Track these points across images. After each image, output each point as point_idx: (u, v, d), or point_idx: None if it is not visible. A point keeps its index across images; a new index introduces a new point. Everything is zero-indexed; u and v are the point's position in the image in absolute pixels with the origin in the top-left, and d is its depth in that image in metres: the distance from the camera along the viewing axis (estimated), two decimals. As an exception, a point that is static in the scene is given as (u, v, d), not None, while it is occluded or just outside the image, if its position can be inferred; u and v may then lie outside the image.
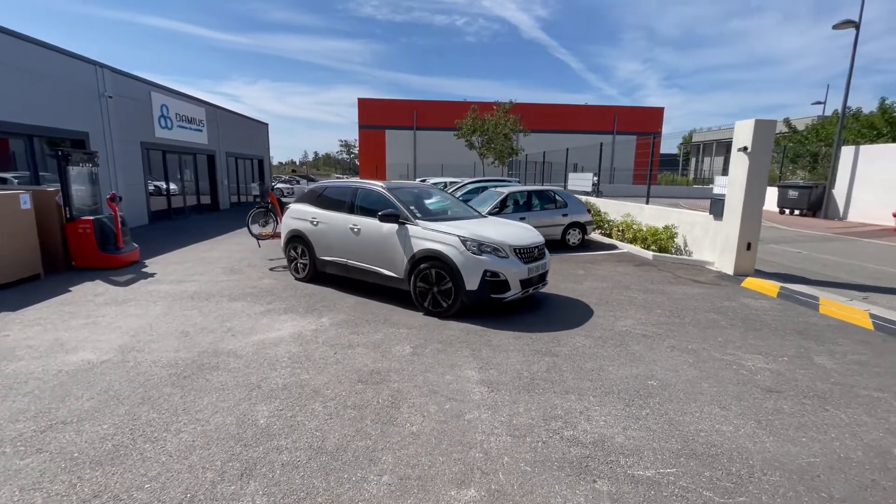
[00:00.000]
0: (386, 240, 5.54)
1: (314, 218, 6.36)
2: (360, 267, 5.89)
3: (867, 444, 2.75)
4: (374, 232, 5.65)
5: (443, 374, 3.67)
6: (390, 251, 5.51)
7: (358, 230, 5.83)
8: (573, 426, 2.91)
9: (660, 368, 3.81)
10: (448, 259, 5.00)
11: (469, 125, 24.50)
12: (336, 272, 6.27)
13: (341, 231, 6.02)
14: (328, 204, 6.39)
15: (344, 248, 6.03)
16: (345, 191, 6.34)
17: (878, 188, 14.65)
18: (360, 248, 5.85)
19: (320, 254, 6.34)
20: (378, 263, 5.69)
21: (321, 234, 6.28)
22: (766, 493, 2.30)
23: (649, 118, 40.79)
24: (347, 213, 6.07)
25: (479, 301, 5.00)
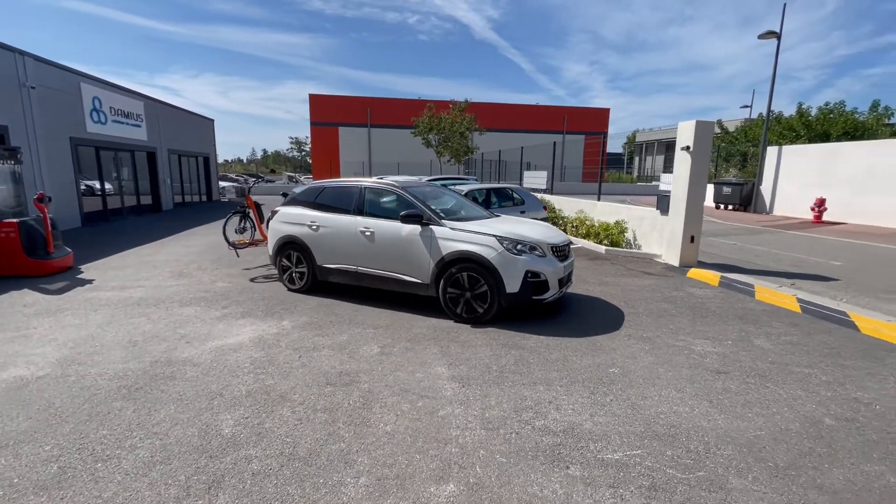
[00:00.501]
0: (407, 243, 5.13)
1: (313, 222, 5.75)
2: (375, 274, 5.40)
3: (803, 415, 3.04)
4: (392, 235, 5.22)
5: (413, 372, 3.66)
6: (412, 255, 5.11)
7: (371, 234, 5.33)
8: (544, 416, 3.00)
9: (619, 356, 4.01)
10: (485, 260, 4.71)
11: (426, 123, 24.50)
12: (343, 281, 5.72)
13: (349, 235, 5.49)
14: (329, 206, 5.80)
15: (353, 254, 5.51)
16: (349, 191, 5.75)
17: (798, 184, 16.13)
18: (374, 253, 5.36)
19: (322, 261, 5.76)
20: (397, 269, 5.26)
21: (323, 239, 5.69)
22: (721, 466, 2.49)
23: (596, 118, 42.57)
24: (355, 216, 5.52)
25: (519, 303, 4.78)
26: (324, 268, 5.78)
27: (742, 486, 2.33)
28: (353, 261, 5.54)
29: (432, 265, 4.99)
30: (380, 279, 5.42)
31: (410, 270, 5.18)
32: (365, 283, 5.57)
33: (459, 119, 24.25)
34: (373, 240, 5.35)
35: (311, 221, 5.79)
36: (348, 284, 5.80)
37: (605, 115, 43.73)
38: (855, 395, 3.34)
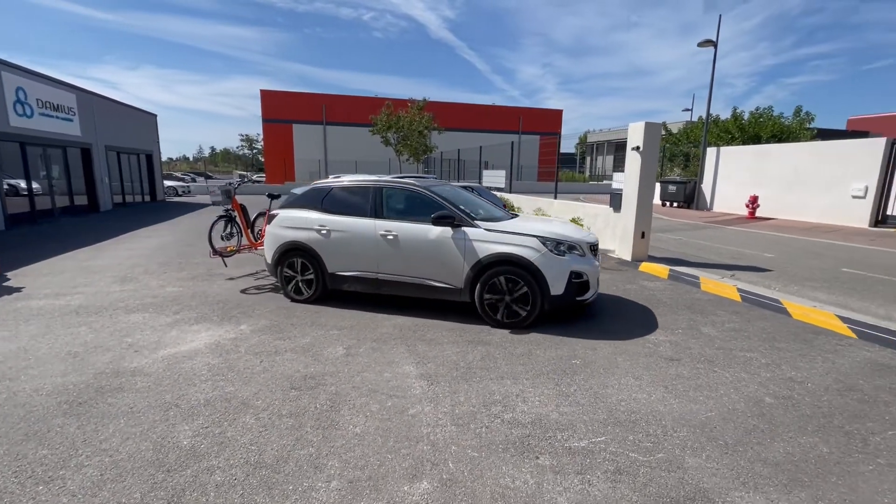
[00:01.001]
0: (436, 246, 4.85)
1: (323, 226, 5.30)
2: (398, 280, 5.09)
3: (746, 396, 3.29)
4: (419, 238, 4.93)
5: (380, 372, 3.62)
6: (443, 259, 4.85)
7: (394, 237, 5.00)
8: (512, 409, 3.07)
9: (581, 348, 4.16)
10: (527, 262, 4.54)
11: (384, 121, 24.25)
12: (359, 289, 5.35)
13: (368, 240, 5.11)
14: (340, 208, 5.37)
15: (373, 259, 5.14)
16: (363, 192, 5.36)
17: (734, 183, 17.36)
18: (397, 258, 5.04)
19: (335, 268, 5.33)
20: (425, 274, 4.97)
21: (337, 244, 5.26)
22: (678, 448, 2.65)
23: (550, 119, 43.79)
24: (374, 219, 5.15)
25: (562, 305, 4.67)
26: (337, 275, 5.34)
27: (697, 464, 2.49)
28: (372, 267, 5.17)
29: (466, 269, 4.76)
30: (404, 286, 5.11)
31: (440, 275, 4.91)
32: (385, 291, 5.24)
33: (418, 118, 24.20)
34: (396, 244, 5.02)
35: (321, 225, 5.31)
36: (365, 293, 5.49)
37: (558, 116, 45.05)
38: (790, 374, 3.65)
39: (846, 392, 3.35)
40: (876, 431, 2.84)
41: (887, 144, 12.83)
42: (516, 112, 43.04)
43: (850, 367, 3.77)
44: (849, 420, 2.96)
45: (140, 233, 11.47)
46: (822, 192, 14.28)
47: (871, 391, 3.36)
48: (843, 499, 2.24)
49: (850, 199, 13.56)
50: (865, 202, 13.24)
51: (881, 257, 8.46)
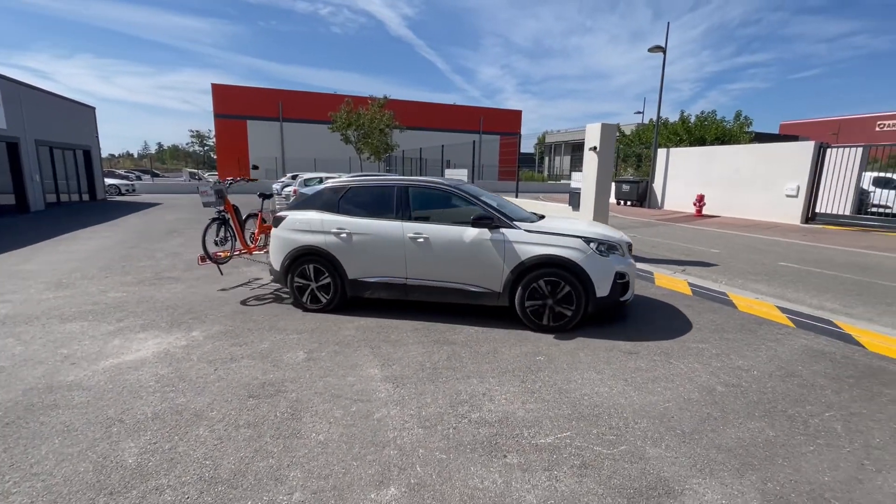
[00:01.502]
0: (474, 249, 4.65)
1: (341, 229, 4.92)
2: (429, 286, 4.84)
3: (700, 385, 3.45)
4: (453, 241, 4.70)
5: (344, 376, 3.52)
6: (480, 262, 4.65)
7: (424, 240, 4.73)
8: (479, 408, 3.06)
9: (544, 345, 4.22)
10: (572, 264, 4.44)
11: (344, 119, 23.78)
12: (385, 295, 5.04)
13: (395, 243, 4.81)
14: (360, 209, 5.04)
15: (401, 263, 4.84)
16: (386, 192, 5.05)
17: (683, 182, 18.30)
18: (429, 262, 4.78)
19: (356, 274, 4.97)
20: (459, 278, 4.75)
21: (359, 249, 4.91)
22: (639, 439, 2.73)
23: (510, 119, 44.53)
24: (401, 221, 4.85)
25: (606, 307, 4.60)
26: (359, 282, 4.99)
27: (657, 454, 2.58)
28: (400, 272, 4.88)
29: (506, 272, 4.59)
30: (435, 291, 4.87)
31: (476, 279, 4.72)
32: (414, 297, 4.98)
33: (379, 115, 23.90)
34: (427, 247, 4.75)
35: (340, 228, 4.93)
36: (390, 299, 5.25)
37: (517, 116, 45.88)
38: (738, 363, 3.86)
39: (787, 378, 3.58)
40: (814, 414, 3.05)
41: (815, 147, 13.94)
42: (477, 112, 43.45)
43: (790, 355, 4.04)
44: (791, 404, 3.17)
45: (79, 234, 10.63)
46: (761, 191, 15.31)
47: (809, 376, 3.61)
48: (789, 479, 2.38)
49: (785, 197, 14.62)
50: (798, 200, 14.32)
51: (812, 252, 9.17)
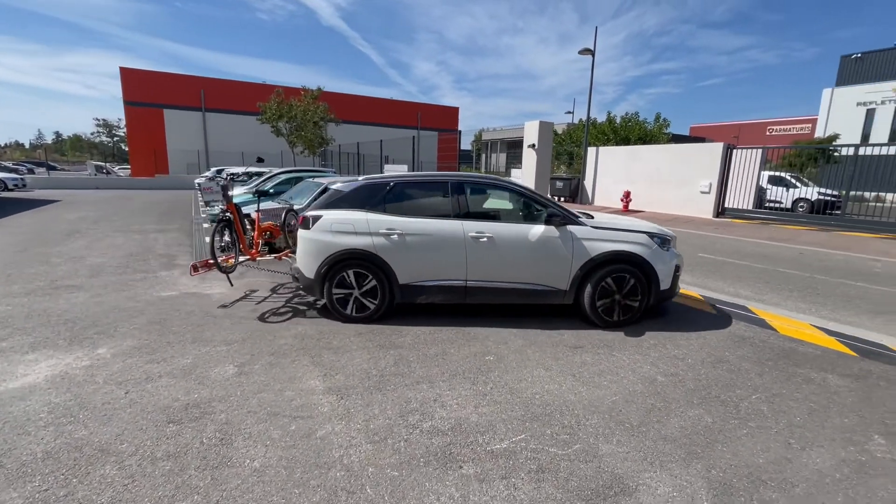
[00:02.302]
0: (541, 247, 4.53)
1: (392, 229, 4.50)
2: (493, 287, 4.61)
3: (642, 376, 3.56)
4: (519, 239, 4.55)
5: (281, 391, 3.21)
6: (548, 260, 4.55)
7: (488, 239, 4.50)
8: (430, 416, 2.91)
9: (492, 343, 4.17)
10: (641, 259, 4.51)
11: (274, 110, 22.43)
12: (441, 300, 4.71)
13: (456, 243, 4.51)
14: (410, 208, 4.71)
15: (461, 265, 4.55)
16: (437, 187, 4.80)
17: (611, 179, 19.38)
18: (492, 262, 4.55)
19: (409, 279, 4.58)
20: (525, 278, 4.59)
21: (413, 251, 4.53)
22: (592, 436, 2.73)
23: (447, 116, 44.78)
24: (460, 219, 4.58)
25: (666, 299, 4.84)
26: (412, 286, 4.61)
27: (610, 450, 2.59)
28: (460, 275, 4.59)
29: (575, 269, 4.53)
30: (497, 292, 4.66)
31: (542, 277, 4.60)
32: (474, 300, 4.71)
33: (313, 107, 22.85)
34: (491, 247, 4.53)
35: (390, 229, 4.51)
36: (444, 304, 4.93)
37: (454, 113, 46.24)
38: (673, 352, 4.05)
39: (717, 364, 3.81)
40: (744, 397, 3.25)
41: (724, 149, 15.36)
42: (414, 107, 43.17)
43: (717, 342, 4.32)
44: (723, 390, 3.36)
45: (-52, 238, 9.01)
46: (679, 187, 16.60)
47: (735, 361, 3.87)
48: (730, 465, 2.49)
49: (699, 193, 15.97)
50: (710, 196, 15.71)
51: (724, 243, 10.06)
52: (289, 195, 9.50)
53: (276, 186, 10.85)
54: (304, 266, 4.67)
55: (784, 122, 46.22)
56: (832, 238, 11.36)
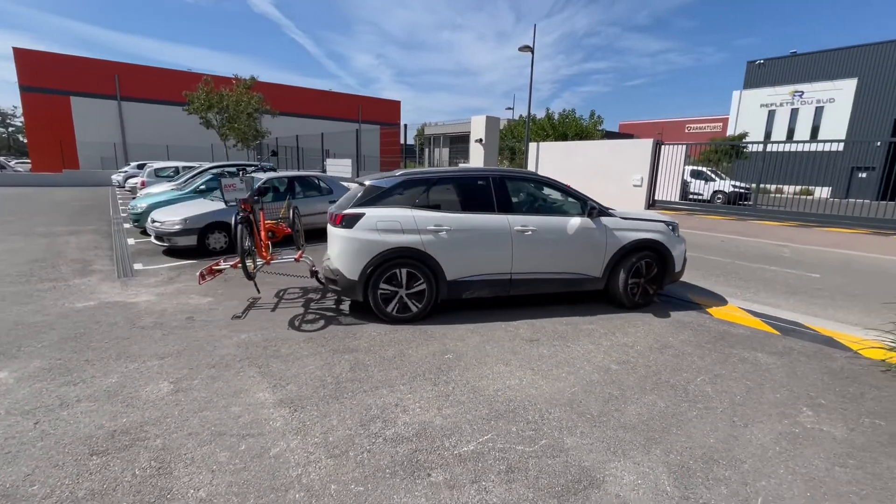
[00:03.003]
0: (579, 237, 4.84)
1: (440, 225, 4.46)
2: (535, 278, 4.83)
3: (597, 366, 3.66)
4: (560, 231, 4.81)
5: (226, 407, 2.93)
6: (584, 249, 4.88)
7: (532, 232, 4.68)
8: (393, 423, 2.79)
9: (450, 341, 4.10)
10: (662, 246, 5.02)
11: (203, 100, 20.80)
12: (487, 293, 4.78)
13: (503, 237, 4.63)
14: (455, 203, 4.70)
15: (506, 258, 4.67)
16: (479, 183, 4.81)
17: (551, 173, 20.05)
18: (536, 254, 4.75)
19: (456, 274, 4.58)
20: (565, 268, 4.89)
21: (461, 246, 4.54)
22: (556, 430, 2.75)
23: (389, 110, 44.12)
24: (504, 213, 4.69)
25: (675, 281, 5.38)
26: (459, 282, 4.61)
27: (575, 443, 2.61)
28: (505, 267, 4.71)
29: (608, 257, 4.91)
30: (539, 283, 4.89)
31: (580, 266, 4.92)
32: (517, 291, 4.86)
33: (246, 98, 21.47)
34: (535, 239, 4.72)
35: (438, 225, 4.46)
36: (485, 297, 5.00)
37: (397, 107, 45.66)
38: (623, 340, 4.21)
39: (664, 349, 4.01)
40: (690, 380, 3.44)
41: (654, 144, 16.39)
42: (356, 100, 42.08)
43: (661, 327, 4.56)
44: (671, 374, 3.53)
45: None
46: (614, 181, 17.50)
47: (679, 346, 4.09)
48: (685, 447, 2.60)
49: (633, 187, 16.94)
50: (642, 190, 16.71)
51: (658, 233, 10.73)
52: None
53: (209, 182, 10.07)
54: (344, 267, 4.46)
55: (700, 121, 50.31)
56: (746, 226, 12.50)
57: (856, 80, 30.25)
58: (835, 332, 4.43)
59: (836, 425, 2.86)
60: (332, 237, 4.63)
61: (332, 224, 4.59)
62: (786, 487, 2.28)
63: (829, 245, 9.68)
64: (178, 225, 7.24)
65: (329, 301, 5.20)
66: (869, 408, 3.08)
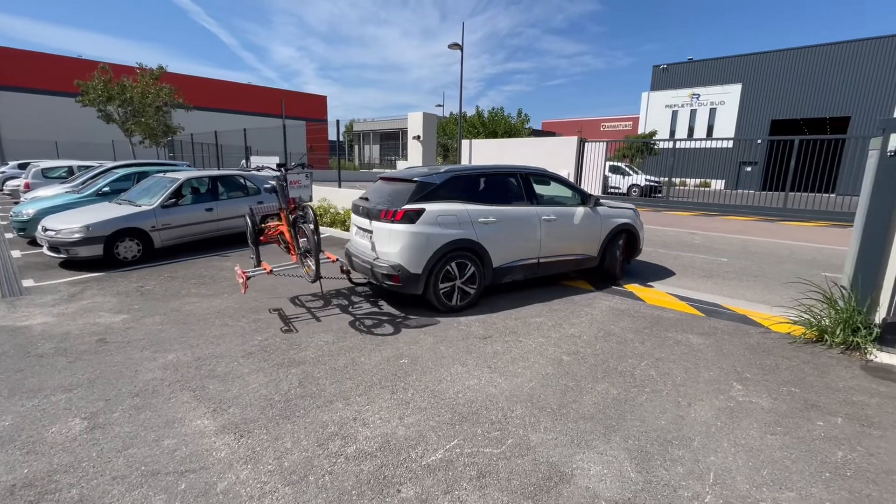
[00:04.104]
0: (584, 224, 5.67)
1: (487, 217, 4.92)
2: (554, 260, 5.56)
3: (550, 358, 3.74)
4: (571, 218, 5.60)
5: (157, 441, 2.58)
6: (588, 234, 5.74)
7: (552, 220, 5.39)
8: (353, 438, 2.62)
9: (404, 344, 3.98)
10: (633, 228, 6.14)
11: (100, 90, 18.45)
12: (521, 277, 5.38)
13: (534, 226, 5.27)
14: (497, 197, 5.20)
15: (535, 244, 5.32)
16: (510, 178, 5.41)
17: (485, 171, 20.50)
18: (555, 239, 5.45)
19: (499, 262, 5.08)
20: (574, 250, 5.71)
21: (504, 235, 5.05)
22: (521, 427, 2.75)
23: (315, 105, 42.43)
24: (531, 205, 5.35)
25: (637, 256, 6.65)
26: (501, 269, 5.13)
27: (540, 439, 2.63)
28: (535, 252, 5.36)
29: (602, 239, 5.83)
30: (558, 264, 5.61)
31: (584, 248, 5.76)
32: (543, 273, 5.55)
33: (154, 89, 19.40)
34: (555, 227, 5.42)
35: (485, 217, 4.92)
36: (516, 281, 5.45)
37: (322, 102, 44.04)
38: (570, 331, 4.36)
39: (608, 337, 4.20)
40: (635, 365, 3.63)
41: (578, 142, 17.32)
42: (279, 94, 39.91)
43: (603, 316, 4.79)
44: (618, 361, 3.70)
45: None
46: (544, 177, 18.32)
47: (621, 333, 4.32)
48: (641, 431, 2.73)
49: (561, 182, 17.84)
50: (569, 185, 17.65)
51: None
52: (131, 195, 7.89)
53: (114, 183, 8.94)
54: (407, 261, 4.56)
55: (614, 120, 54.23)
56: (661, 216, 13.66)
57: (740, 85, 34.30)
58: (747, 311, 4.94)
59: (762, 396, 3.16)
60: (388, 233, 4.63)
61: (385, 220, 4.65)
62: (731, 460, 2.47)
63: (731, 231, 10.85)
64: (79, 233, 6.33)
65: (270, 312, 4.83)
66: (784, 377, 3.45)
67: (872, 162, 3.97)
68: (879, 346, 3.87)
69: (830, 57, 30.34)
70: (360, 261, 4.94)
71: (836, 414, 2.95)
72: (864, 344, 3.85)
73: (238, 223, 8.52)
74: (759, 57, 33.43)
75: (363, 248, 5.04)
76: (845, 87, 29.86)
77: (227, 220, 8.30)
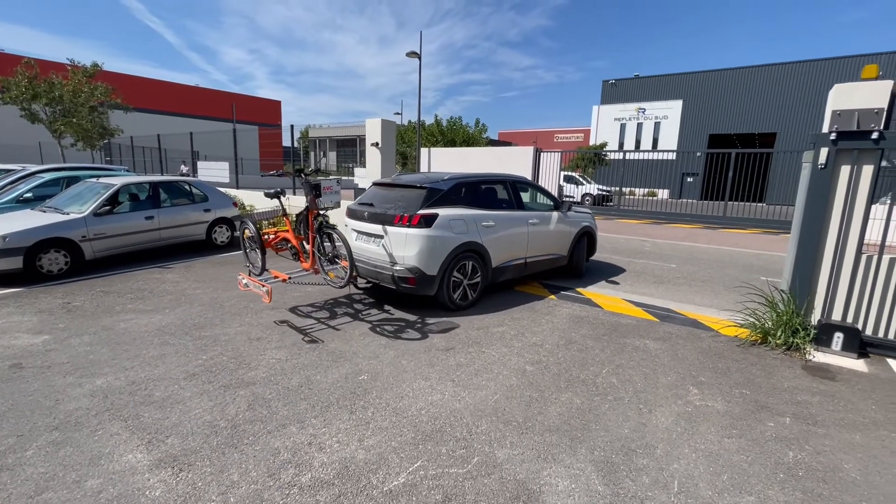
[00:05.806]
0: (558, 227, 6.25)
1: (488, 222, 5.32)
2: (537, 259, 6.03)
3: (513, 368, 3.69)
4: (549, 222, 6.12)
5: (79, 482, 2.26)
6: (562, 236, 6.33)
7: (535, 223, 5.88)
8: (308, 466, 2.42)
9: (362, 359, 3.80)
10: (592, 231, 6.88)
11: (24, 87, 16.87)
12: (513, 276, 5.84)
13: (520, 229, 5.71)
14: (493, 203, 5.67)
15: (524, 246, 5.79)
16: (500, 186, 5.91)
17: (444, 179, 20.54)
18: (538, 241, 5.95)
19: (497, 262, 5.48)
20: (551, 250, 6.21)
21: (501, 238, 5.47)
22: (486, 443, 2.65)
23: (268, 110, 41.17)
24: (520, 210, 5.85)
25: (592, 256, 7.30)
26: (498, 269, 5.53)
27: (507, 455, 2.55)
28: (523, 252, 5.79)
29: (572, 240, 6.48)
30: (539, 263, 6.08)
31: (557, 248, 6.33)
32: (529, 272, 6.02)
33: (87, 88, 17.99)
34: (538, 229, 5.92)
35: (487, 222, 5.31)
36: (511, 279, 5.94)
37: (277, 107, 42.83)
38: (532, 340, 4.34)
39: (569, 345, 4.22)
40: (597, 373, 3.64)
41: (534, 152, 17.75)
42: (229, 98, 38.36)
43: (563, 324, 4.82)
44: (580, 369, 3.71)
45: None
46: (502, 186, 18.60)
47: (581, 341, 4.35)
48: (605, 441, 2.71)
49: (518, 191, 18.18)
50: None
51: (545, 234, 11.56)
52: (58, 201, 7.19)
53: (38, 188, 8.13)
54: (424, 264, 4.76)
55: (567, 132, 56.22)
56: (614, 224, 14.18)
57: (681, 101, 36.61)
58: (698, 315, 5.14)
59: (717, 399, 3.25)
60: (405, 237, 4.76)
61: (400, 225, 4.79)
62: (693, 466, 2.49)
63: (677, 238, 11.41)
64: (-7, 244, 5.66)
65: (215, 328, 4.49)
66: (736, 380, 3.58)
67: (806, 174, 4.25)
68: (816, 346, 4.12)
69: (761, 77, 33.02)
70: (365, 265, 5.09)
71: (784, 414, 3.07)
72: (802, 345, 4.08)
73: (183, 232, 7.98)
74: (698, 75, 35.85)
75: (368, 253, 5.17)
76: (773, 106, 32.57)
77: (170, 230, 7.74)
